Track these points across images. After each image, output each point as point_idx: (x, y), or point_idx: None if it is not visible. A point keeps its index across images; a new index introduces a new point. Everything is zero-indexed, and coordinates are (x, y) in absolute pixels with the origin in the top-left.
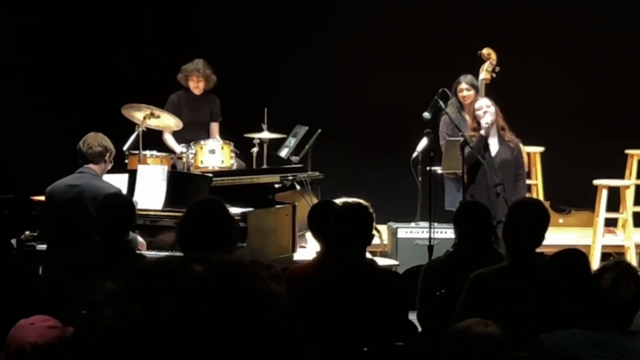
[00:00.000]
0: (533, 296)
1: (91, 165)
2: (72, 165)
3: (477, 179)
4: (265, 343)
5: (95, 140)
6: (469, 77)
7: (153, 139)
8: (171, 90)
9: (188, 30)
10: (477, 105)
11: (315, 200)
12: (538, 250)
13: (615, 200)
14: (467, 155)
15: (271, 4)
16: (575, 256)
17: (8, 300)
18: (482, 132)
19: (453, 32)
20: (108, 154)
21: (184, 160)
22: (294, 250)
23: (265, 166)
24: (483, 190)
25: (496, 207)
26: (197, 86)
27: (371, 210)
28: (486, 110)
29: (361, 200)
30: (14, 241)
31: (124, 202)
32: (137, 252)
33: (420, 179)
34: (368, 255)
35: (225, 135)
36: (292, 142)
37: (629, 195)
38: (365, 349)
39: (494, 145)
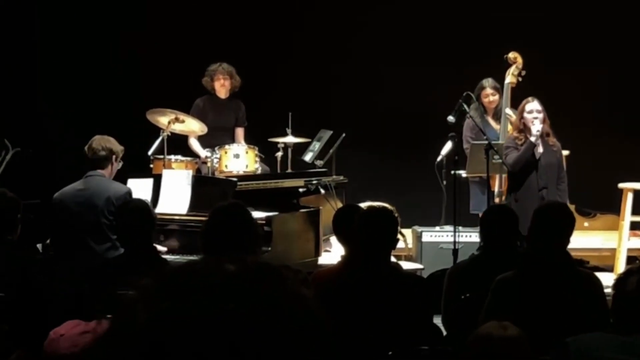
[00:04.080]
0: (558, 299)
1: (98, 170)
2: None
3: (525, 184)
4: (295, 345)
5: (100, 144)
6: (491, 80)
7: (178, 144)
8: (195, 96)
9: (213, 35)
10: (527, 107)
11: (339, 204)
12: None
13: None
14: (513, 160)
15: (295, 9)
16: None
17: (34, 304)
18: (533, 139)
19: (477, 35)
20: (114, 157)
21: (209, 164)
22: (318, 254)
23: (289, 170)
24: (531, 194)
25: None
26: (223, 84)
27: (396, 214)
28: (536, 115)
29: (386, 204)
30: (39, 246)
31: (140, 207)
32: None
33: (444, 182)
34: (393, 259)
35: (249, 139)
36: (316, 146)
37: None
38: (390, 352)
39: (538, 148)
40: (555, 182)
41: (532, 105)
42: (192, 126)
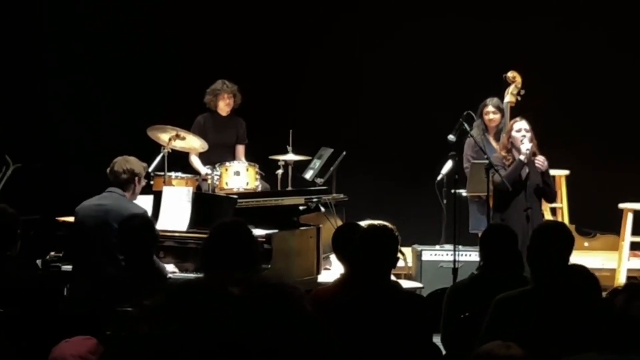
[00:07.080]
0: (557, 319)
1: (118, 189)
2: (97, 185)
3: (512, 204)
4: None
5: (122, 166)
6: (495, 99)
7: (179, 160)
8: (196, 113)
9: (213, 53)
10: (516, 126)
11: (339, 223)
12: None
13: None
14: (500, 180)
15: (297, 27)
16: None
17: (34, 320)
18: (522, 157)
19: (478, 54)
20: (136, 178)
21: (209, 181)
22: (318, 272)
23: (289, 188)
24: (518, 214)
25: (527, 232)
26: (228, 103)
27: (396, 233)
28: (525, 134)
29: (386, 223)
30: (39, 262)
31: (142, 223)
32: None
33: (445, 201)
34: (392, 277)
35: (250, 157)
36: (317, 164)
37: None
38: None
39: (525, 168)
40: (539, 202)
41: (520, 124)
42: (192, 143)
